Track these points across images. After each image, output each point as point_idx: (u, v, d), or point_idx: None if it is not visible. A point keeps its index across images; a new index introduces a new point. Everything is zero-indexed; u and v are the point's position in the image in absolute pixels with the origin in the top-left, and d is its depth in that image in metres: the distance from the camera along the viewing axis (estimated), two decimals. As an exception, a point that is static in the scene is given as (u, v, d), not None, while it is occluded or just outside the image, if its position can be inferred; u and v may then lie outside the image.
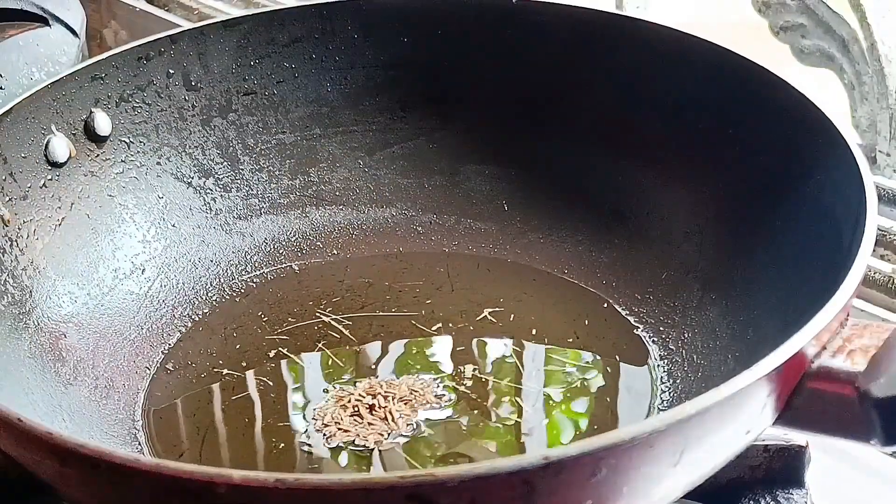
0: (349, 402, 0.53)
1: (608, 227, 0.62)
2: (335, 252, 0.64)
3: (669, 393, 0.53)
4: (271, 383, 0.55)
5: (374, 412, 0.52)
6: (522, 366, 0.55)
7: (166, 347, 0.58)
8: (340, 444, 0.51)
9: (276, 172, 0.65)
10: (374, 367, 0.56)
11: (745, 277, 0.54)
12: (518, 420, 0.52)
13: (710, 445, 0.38)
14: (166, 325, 0.59)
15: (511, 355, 0.56)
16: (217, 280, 0.62)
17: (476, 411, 0.52)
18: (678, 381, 0.54)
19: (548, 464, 0.33)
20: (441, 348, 0.57)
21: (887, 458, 0.56)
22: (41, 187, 0.57)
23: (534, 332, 0.57)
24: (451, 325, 0.58)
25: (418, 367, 0.55)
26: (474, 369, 0.55)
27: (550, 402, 0.53)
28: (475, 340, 0.57)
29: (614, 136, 0.62)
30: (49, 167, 0.58)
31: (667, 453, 0.36)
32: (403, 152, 0.66)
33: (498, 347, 0.57)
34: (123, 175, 0.61)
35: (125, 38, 0.99)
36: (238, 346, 0.58)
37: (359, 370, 0.56)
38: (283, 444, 0.51)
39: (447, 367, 0.55)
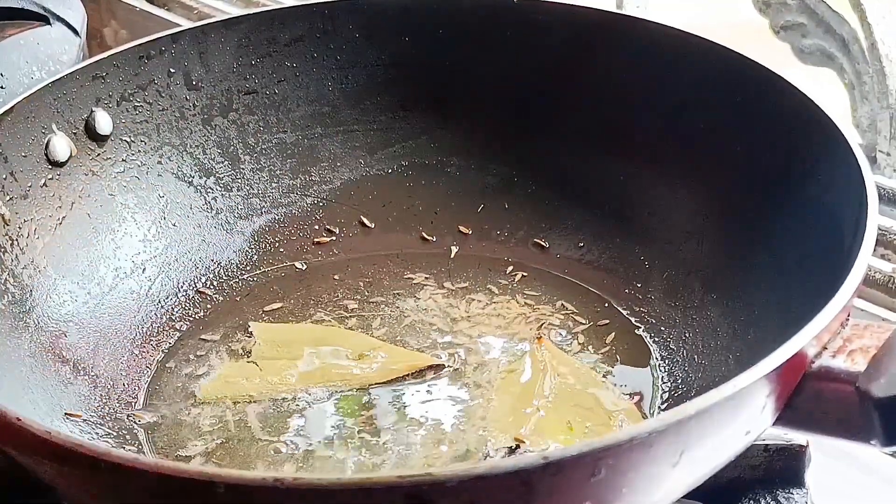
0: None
1: (609, 226, 0.62)
2: (336, 251, 0.64)
3: (670, 393, 0.53)
4: (272, 383, 0.55)
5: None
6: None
7: (167, 347, 0.58)
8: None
9: (277, 172, 0.65)
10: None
11: (746, 277, 0.54)
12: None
13: (709, 446, 0.38)
14: (167, 324, 0.59)
15: (513, 355, 0.56)
16: (218, 279, 0.62)
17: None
18: (679, 381, 0.54)
19: (547, 464, 0.33)
20: (443, 348, 0.56)
21: (887, 458, 0.56)
22: (42, 186, 0.57)
23: (535, 331, 0.57)
24: (452, 325, 0.58)
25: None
26: (475, 369, 0.55)
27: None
28: (477, 340, 0.57)
29: (615, 135, 0.62)
30: (50, 166, 0.58)
31: (666, 454, 0.36)
32: (404, 151, 0.66)
33: (499, 347, 0.57)
34: (124, 174, 0.61)
35: (125, 37, 0.99)
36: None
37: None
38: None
39: (449, 366, 0.55)
